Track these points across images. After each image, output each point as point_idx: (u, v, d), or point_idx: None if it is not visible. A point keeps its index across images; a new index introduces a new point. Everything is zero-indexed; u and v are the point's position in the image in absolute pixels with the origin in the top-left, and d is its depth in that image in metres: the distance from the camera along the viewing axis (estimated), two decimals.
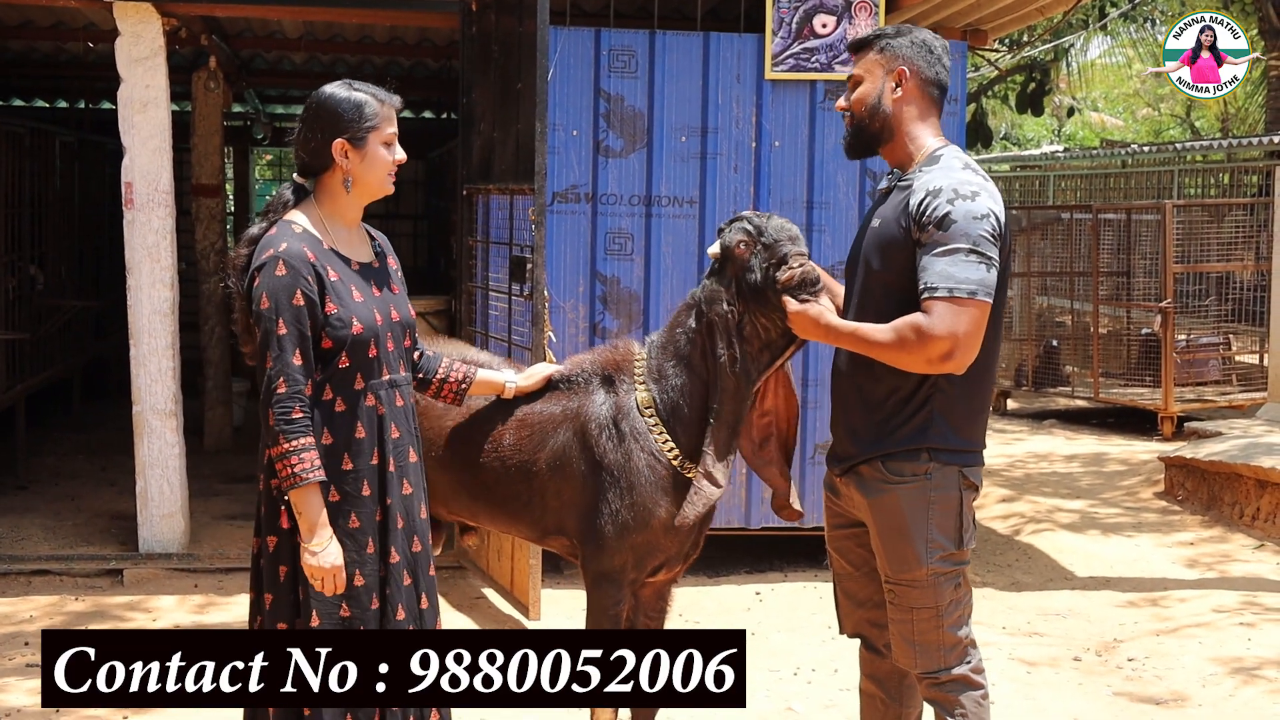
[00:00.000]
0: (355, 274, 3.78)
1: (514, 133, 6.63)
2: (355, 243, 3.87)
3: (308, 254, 3.66)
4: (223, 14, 8.64)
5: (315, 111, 3.78)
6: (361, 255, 3.86)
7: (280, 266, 3.62)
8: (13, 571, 7.31)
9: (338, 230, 3.81)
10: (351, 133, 3.74)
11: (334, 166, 3.77)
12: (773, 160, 7.37)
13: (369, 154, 3.76)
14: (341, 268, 3.75)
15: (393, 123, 3.82)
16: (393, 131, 3.81)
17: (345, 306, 3.69)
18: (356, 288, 3.75)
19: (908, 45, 3.86)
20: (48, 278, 10.55)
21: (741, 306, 4.08)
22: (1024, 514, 9.25)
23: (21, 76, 12.38)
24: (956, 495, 3.79)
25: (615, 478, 4.20)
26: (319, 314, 3.66)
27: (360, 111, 3.74)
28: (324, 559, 3.61)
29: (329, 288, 3.68)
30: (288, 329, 3.60)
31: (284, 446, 3.58)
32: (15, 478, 9.37)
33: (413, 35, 10.07)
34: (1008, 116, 29.29)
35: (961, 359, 3.60)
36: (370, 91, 3.79)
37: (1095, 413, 13.39)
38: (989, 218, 3.61)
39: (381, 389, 3.77)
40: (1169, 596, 7.30)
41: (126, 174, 7.37)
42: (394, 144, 3.82)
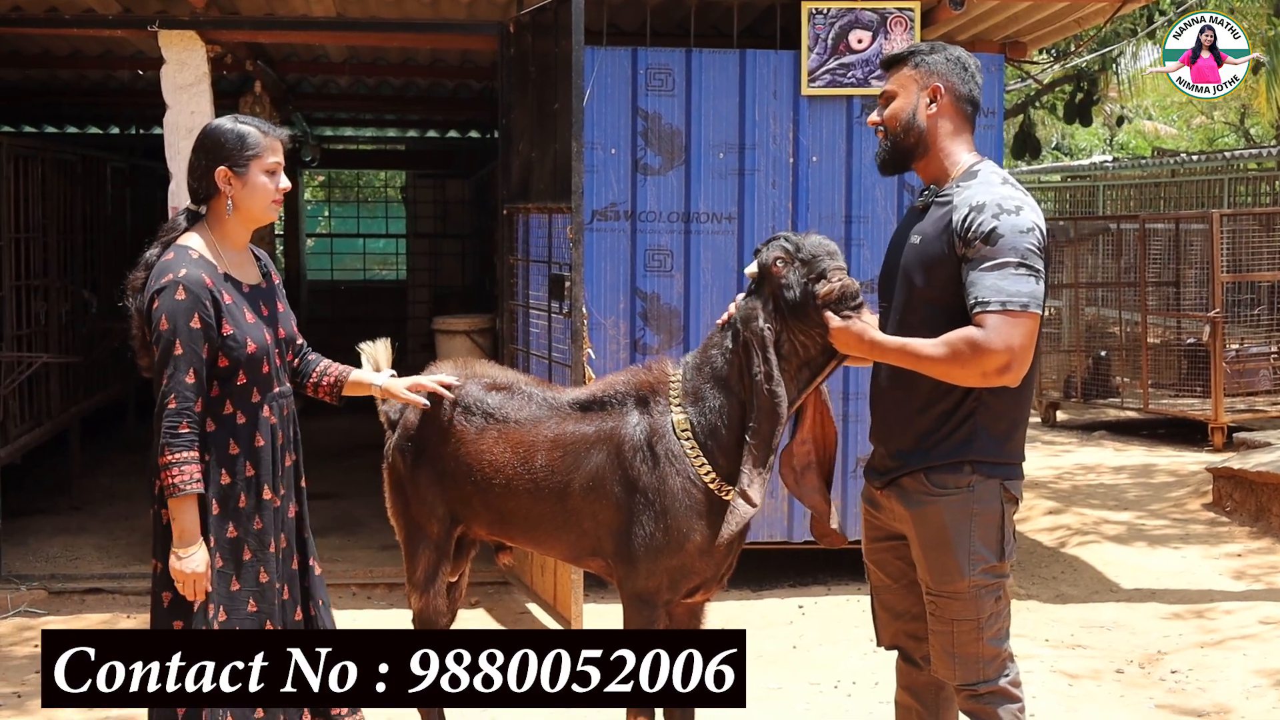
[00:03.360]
0: (245, 296, 4.04)
1: (551, 152, 6.69)
2: (244, 265, 4.12)
3: (205, 280, 3.90)
4: (266, 40, 8.76)
5: (202, 141, 4.05)
6: (250, 277, 4.11)
7: (180, 291, 3.86)
8: (67, 590, 7.44)
9: (229, 253, 4.06)
10: (233, 161, 3.99)
11: (219, 193, 4.01)
12: (810, 175, 7.41)
13: (250, 181, 4.01)
14: (234, 292, 4.01)
15: (276, 153, 4.06)
16: (276, 161, 4.05)
17: (240, 328, 3.95)
18: (249, 309, 4.03)
19: (942, 62, 3.88)
20: (101, 301, 10.72)
21: (779, 324, 4.06)
22: (1070, 526, 9.21)
23: (74, 104, 12.58)
24: (998, 508, 3.81)
25: (650, 500, 4.20)
26: (214, 336, 3.89)
27: (243, 141, 4.00)
28: (188, 564, 3.81)
29: (225, 311, 3.93)
30: (184, 349, 3.83)
31: (168, 458, 3.79)
32: (70, 498, 9.52)
33: (455, 57, 10.17)
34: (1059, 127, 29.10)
35: (1017, 371, 3.61)
36: (255, 124, 4.06)
37: (1145, 424, 13.30)
38: (1034, 231, 3.64)
39: (274, 401, 4.06)
40: (1215, 608, 7.26)
41: (173, 199, 7.50)
42: (278, 173, 4.05)
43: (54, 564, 7.90)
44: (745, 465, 4.09)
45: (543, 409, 4.48)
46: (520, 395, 4.50)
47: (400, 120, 14.72)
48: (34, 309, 9.10)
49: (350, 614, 7.00)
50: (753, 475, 4.08)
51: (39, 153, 9.42)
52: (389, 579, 7.51)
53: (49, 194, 9.51)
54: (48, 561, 7.96)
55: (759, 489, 4.08)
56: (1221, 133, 32.41)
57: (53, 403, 9.28)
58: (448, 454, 4.54)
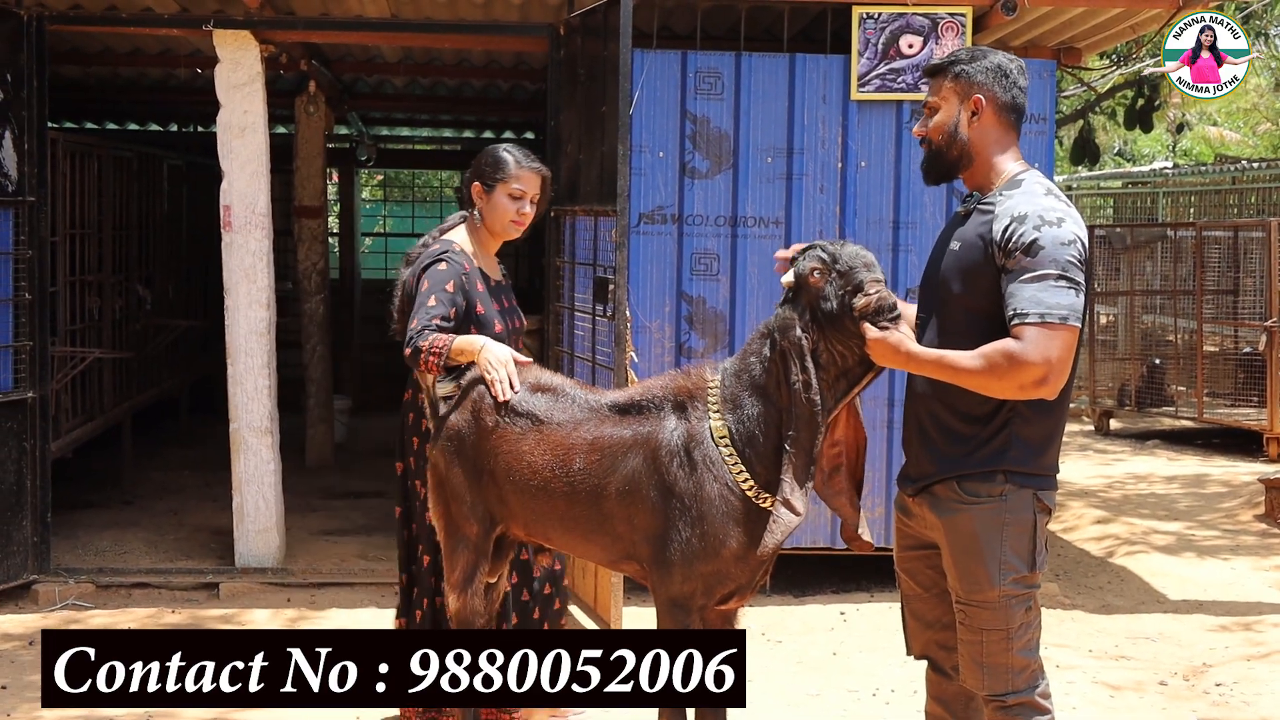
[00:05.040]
0: (491, 289, 4.90)
1: (598, 155, 6.71)
2: (491, 265, 5.02)
3: (464, 265, 4.77)
4: (319, 40, 8.84)
5: (475, 158, 4.97)
6: (495, 274, 5.02)
7: (442, 264, 4.70)
8: (115, 584, 7.52)
9: (481, 253, 4.94)
10: (485, 179, 4.89)
11: (474, 203, 4.93)
12: (859, 181, 7.39)
13: (494, 200, 4.88)
14: (484, 283, 4.86)
15: (523, 182, 4.86)
16: (520, 188, 4.85)
17: (489, 311, 4.80)
18: (493, 299, 4.88)
19: (982, 72, 3.85)
20: (156, 297, 10.84)
21: (816, 334, 4.03)
22: (1119, 536, 9.14)
23: (133, 101, 12.71)
24: (1030, 518, 3.78)
25: (686, 506, 4.19)
26: (460, 305, 4.67)
27: (496, 164, 4.85)
28: (488, 353, 4.47)
29: (476, 295, 4.77)
30: (437, 301, 4.61)
31: (422, 346, 4.50)
32: (121, 492, 9.63)
33: (509, 59, 10.21)
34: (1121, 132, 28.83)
35: (1055, 384, 3.60)
36: (516, 154, 4.87)
37: (1200, 433, 13.17)
38: (1075, 243, 3.61)
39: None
40: (1263, 621, 7.19)
41: (225, 197, 7.59)
42: (522, 199, 4.86)
43: (103, 558, 7.99)
44: (786, 475, 4.06)
45: (582, 411, 4.48)
46: (563, 398, 4.51)
47: (455, 121, 14.77)
48: (87, 305, 9.21)
49: (391, 614, 7.01)
50: (794, 484, 4.07)
51: (94, 149, 9.53)
52: None
53: (105, 190, 9.61)
54: (97, 555, 8.05)
55: (801, 498, 4.06)
56: None
57: (105, 398, 9.39)
58: (487, 454, 4.55)
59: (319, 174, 10.88)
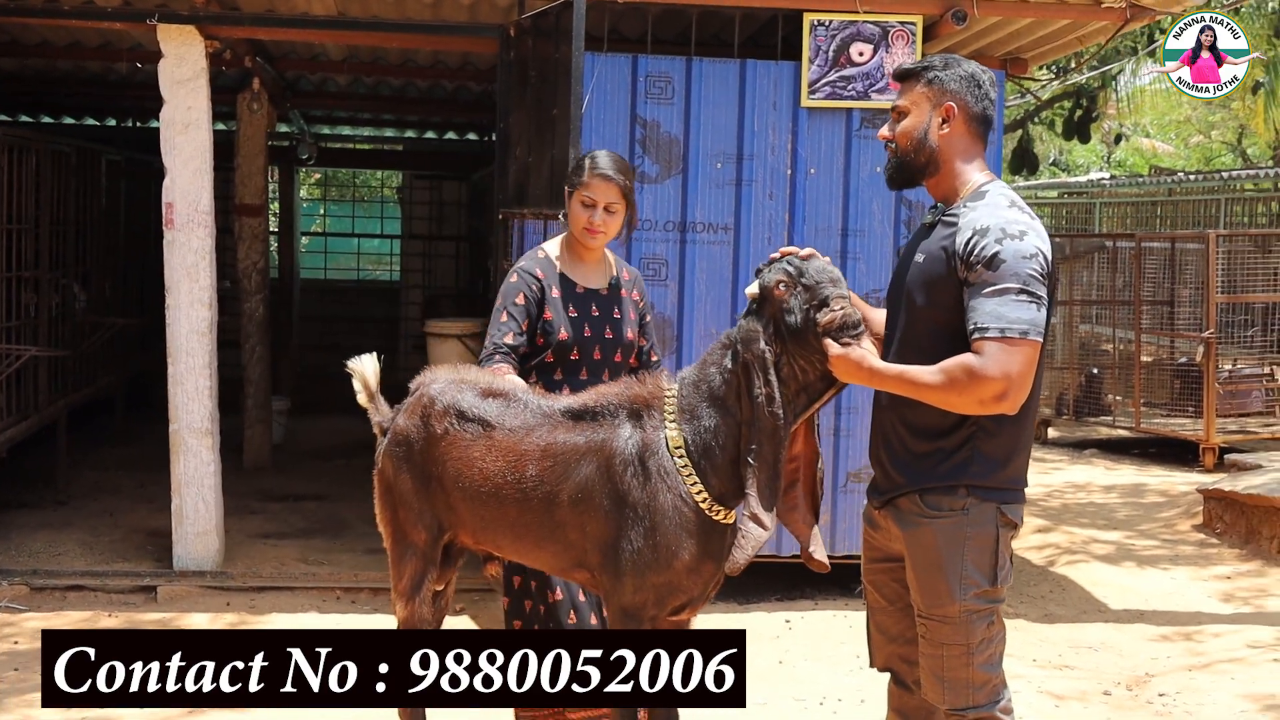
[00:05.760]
0: (576, 295, 4.79)
1: (549, 158, 6.64)
2: (589, 270, 4.86)
3: (537, 272, 4.77)
4: (265, 36, 8.72)
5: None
6: (590, 282, 4.85)
7: (514, 275, 4.78)
8: (49, 587, 7.38)
9: (572, 257, 4.85)
10: (570, 183, 4.83)
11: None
12: (808, 188, 7.38)
13: (571, 205, 4.79)
14: (565, 288, 4.78)
15: (592, 190, 4.72)
16: (591, 196, 4.72)
17: (557, 317, 4.74)
18: (575, 305, 4.77)
19: (956, 80, 3.83)
20: (93, 294, 10.67)
21: (779, 348, 3.99)
22: (1059, 545, 9.19)
23: (71, 95, 12.52)
24: (993, 532, 3.77)
25: (640, 516, 4.14)
26: (532, 315, 4.72)
27: (578, 169, 4.80)
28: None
29: (548, 301, 4.74)
30: (508, 317, 4.70)
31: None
32: (55, 492, 9.47)
33: (455, 59, 10.13)
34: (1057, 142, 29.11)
35: (1014, 399, 3.57)
36: (592, 160, 4.77)
37: (1136, 442, 13.28)
38: (1037, 257, 3.59)
39: (575, 384, 4.73)
40: (1203, 631, 7.24)
41: (167, 194, 7.46)
42: (594, 207, 4.72)
43: (36, 559, 7.83)
44: (751, 489, 4.02)
45: (534, 416, 4.42)
46: (515, 403, 4.45)
47: (398, 120, 14.65)
48: (24, 301, 9.04)
49: (334, 618, 6.95)
50: (759, 499, 4.03)
51: (32, 143, 9.36)
52: (374, 584, 7.46)
53: (43, 185, 9.44)
54: (30, 556, 7.88)
55: (768, 512, 4.03)
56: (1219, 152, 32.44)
57: (40, 396, 9.22)
58: (436, 460, 4.49)
59: (260, 172, 10.75)
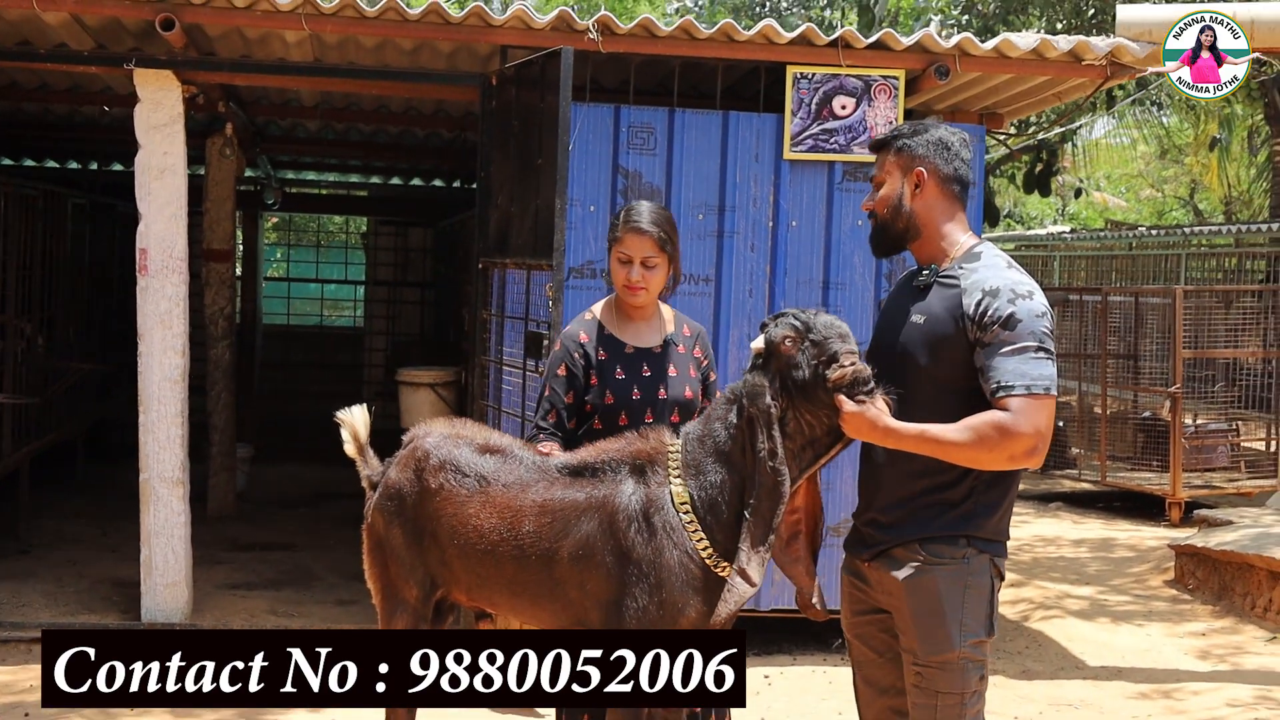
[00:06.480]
0: (625, 356, 4.53)
1: (533, 207, 6.61)
2: (639, 329, 4.59)
3: (581, 335, 4.55)
4: (243, 82, 8.66)
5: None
6: (641, 341, 4.58)
7: (558, 344, 4.60)
8: (13, 639, 7.21)
9: (620, 317, 4.59)
10: (608, 239, 4.57)
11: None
12: (790, 240, 7.37)
13: (611, 262, 4.55)
14: (613, 349, 4.53)
15: (626, 246, 4.46)
16: (626, 252, 4.45)
17: (604, 381, 4.49)
18: (624, 367, 4.51)
19: (923, 145, 3.90)
20: (56, 339, 10.53)
21: (785, 403, 3.96)
22: (1032, 599, 9.17)
23: (35, 138, 12.39)
24: (989, 582, 3.82)
25: (644, 572, 4.07)
26: (579, 384, 4.51)
27: (614, 224, 4.55)
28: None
29: (595, 365, 4.51)
30: (550, 391, 4.54)
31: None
32: (18, 541, 9.30)
33: (429, 106, 10.09)
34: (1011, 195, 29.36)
35: (1043, 453, 3.66)
36: (628, 212, 4.52)
37: (1101, 496, 13.31)
38: (1046, 315, 3.70)
39: None
40: (1182, 689, 7.21)
41: (141, 240, 7.36)
42: (630, 264, 4.45)
43: (0, 610, 7.67)
44: (743, 544, 3.98)
45: (530, 473, 4.36)
46: (511, 459, 4.39)
47: (364, 166, 14.60)
48: None
49: None
50: (751, 554, 3.98)
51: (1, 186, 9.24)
52: None
53: (10, 229, 9.32)
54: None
55: (758, 568, 3.97)
56: (1171, 206, 32.82)
57: (3, 443, 9.07)
58: (429, 515, 4.41)
59: (229, 217, 10.64)
